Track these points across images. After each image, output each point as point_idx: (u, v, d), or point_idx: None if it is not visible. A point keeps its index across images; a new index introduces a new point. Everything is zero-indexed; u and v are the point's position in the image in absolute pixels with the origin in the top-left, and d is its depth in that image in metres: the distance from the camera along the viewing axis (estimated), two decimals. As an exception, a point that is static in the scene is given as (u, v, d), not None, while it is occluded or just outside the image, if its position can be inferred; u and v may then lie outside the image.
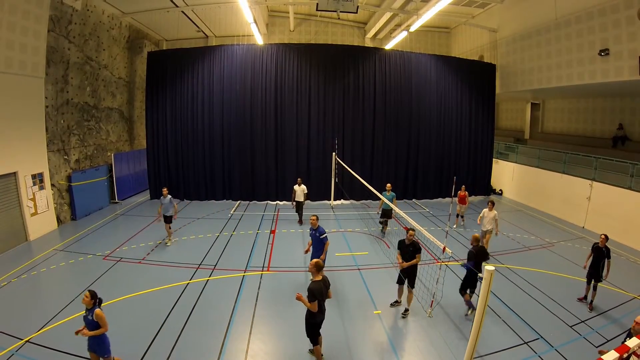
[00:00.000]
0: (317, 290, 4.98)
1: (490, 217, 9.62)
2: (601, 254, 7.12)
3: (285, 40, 21.34)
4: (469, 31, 20.49)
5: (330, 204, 15.40)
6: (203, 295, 7.52)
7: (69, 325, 6.30)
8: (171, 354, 5.64)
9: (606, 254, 7.10)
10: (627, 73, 10.96)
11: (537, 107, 20.11)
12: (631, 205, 11.23)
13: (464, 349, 4.90)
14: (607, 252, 7.11)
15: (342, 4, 11.39)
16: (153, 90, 15.14)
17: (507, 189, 17.93)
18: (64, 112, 12.06)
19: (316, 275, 5.15)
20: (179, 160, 15.34)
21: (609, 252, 7.11)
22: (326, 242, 7.40)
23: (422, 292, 7.70)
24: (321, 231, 7.45)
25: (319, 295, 4.98)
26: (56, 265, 8.82)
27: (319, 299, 5.00)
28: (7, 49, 9.17)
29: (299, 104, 15.36)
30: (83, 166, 13.18)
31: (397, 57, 16.04)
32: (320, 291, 5.02)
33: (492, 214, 9.59)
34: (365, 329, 6.55)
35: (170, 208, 10.01)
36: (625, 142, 14.65)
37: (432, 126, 16.51)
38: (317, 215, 7.73)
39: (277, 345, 6.06)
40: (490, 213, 9.63)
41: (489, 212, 9.65)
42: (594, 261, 7.21)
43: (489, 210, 9.69)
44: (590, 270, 7.27)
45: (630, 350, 3.27)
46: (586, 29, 12.21)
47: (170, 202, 9.99)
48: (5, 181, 9.65)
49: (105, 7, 13.93)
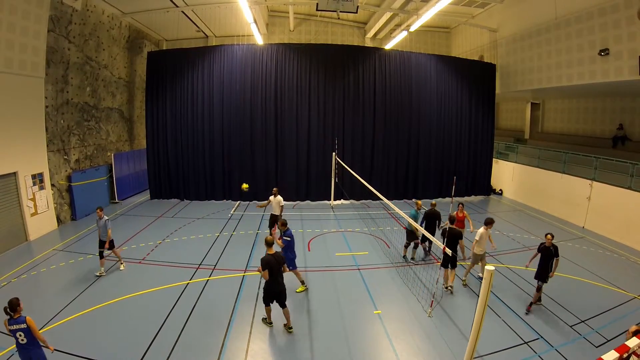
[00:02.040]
0: (266, 261, 5.97)
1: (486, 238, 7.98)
2: (549, 254, 6.99)
3: (285, 40, 21.34)
4: (469, 31, 20.49)
5: (330, 204, 15.40)
6: (203, 295, 7.52)
7: (69, 325, 6.31)
8: (171, 354, 5.64)
9: (554, 252, 6.97)
10: (627, 73, 10.96)
11: (537, 107, 20.12)
12: (631, 205, 11.22)
13: (464, 349, 4.90)
14: (555, 250, 6.98)
15: (342, 4, 11.39)
16: (153, 90, 15.14)
17: (507, 189, 17.93)
18: (64, 112, 12.06)
19: (269, 249, 6.16)
20: (179, 160, 15.34)
21: (557, 251, 6.99)
22: (287, 242, 7.52)
23: (422, 292, 7.70)
24: (287, 234, 7.62)
25: (267, 265, 5.95)
26: (56, 265, 8.83)
27: (270, 269, 5.96)
28: (7, 48, 9.18)
29: (299, 104, 15.36)
30: (83, 166, 13.18)
31: (397, 57, 16.04)
32: (269, 262, 5.97)
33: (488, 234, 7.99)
34: (365, 329, 6.55)
35: (104, 232, 8.23)
36: (625, 142, 14.65)
37: (432, 126, 16.51)
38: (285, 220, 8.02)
39: (277, 345, 6.06)
40: (486, 234, 7.92)
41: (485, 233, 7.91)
42: (543, 261, 7.04)
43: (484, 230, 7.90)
44: (539, 270, 7.09)
45: (630, 350, 3.27)
46: (586, 29, 12.21)
47: (104, 225, 8.21)
48: (5, 181, 9.66)
49: (105, 7, 13.92)
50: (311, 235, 11.43)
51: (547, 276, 7.06)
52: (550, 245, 7.02)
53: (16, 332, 4.42)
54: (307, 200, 15.84)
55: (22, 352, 4.51)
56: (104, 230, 8.19)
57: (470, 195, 17.41)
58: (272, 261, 6.03)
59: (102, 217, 8.19)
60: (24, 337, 4.44)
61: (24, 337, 4.44)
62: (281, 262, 6.23)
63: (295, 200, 15.71)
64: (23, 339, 4.45)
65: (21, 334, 4.43)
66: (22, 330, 4.42)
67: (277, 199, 10.37)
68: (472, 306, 6.65)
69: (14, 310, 4.44)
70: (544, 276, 7.07)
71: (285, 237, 7.57)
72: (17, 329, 4.41)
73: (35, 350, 4.54)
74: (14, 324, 4.42)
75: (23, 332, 4.43)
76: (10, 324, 4.42)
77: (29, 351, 4.50)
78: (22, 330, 4.42)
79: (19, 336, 4.44)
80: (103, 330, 6.21)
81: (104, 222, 8.19)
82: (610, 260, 10.12)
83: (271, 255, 6.07)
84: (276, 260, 6.09)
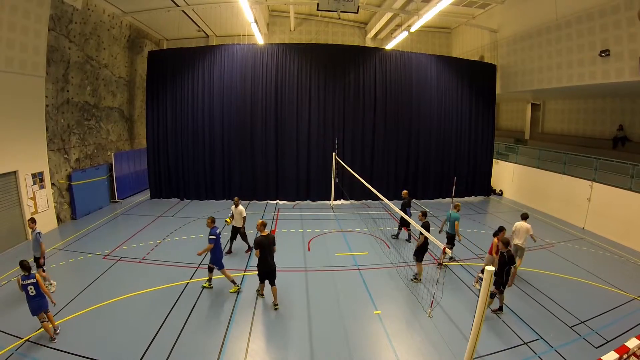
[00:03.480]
0: (259, 241, 6.70)
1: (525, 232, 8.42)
2: (504, 261, 6.58)
3: (286, 40, 21.34)
4: (469, 31, 20.49)
5: (330, 204, 15.40)
6: (203, 294, 7.52)
7: (69, 325, 6.31)
8: (171, 353, 5.64)
9: (508, 260, 6.56)
10: (628, 74, 10.96)
11: (538, 107, 20.11)
12: (631, 206, 11.22)
13: (464, 349, 4.90)
14: (510, 258, 6.59)
15: (343, 4, 11.37)
16: (153, 89, 15.14)
17: (507, 189, 17.93)
18: (64, 111, 12.06)
19: (263, 232, 6.84)
20: (179, 159, 15.34)
21: (512, 259, 6.61)
22: (209, 244, 7.34)
23: (422, 292, 7.70)
24: (212, 232, 7.40)
25: (258, 245, 6.66)
26: (56, 264, 8.83)
27: (261, 249, 6.64)
28: (7, 48, 9.17)
29: (299, 104, 15.36)
30: (83, 165, 13.18)
31: (397, 57, 16.04)
32: (261, 242, 6.68)
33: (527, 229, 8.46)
34: (365, 329, 6.55)
35: (37, 247, 7.26)
36: (625, 143, 14.65)
37: (432, 126, 16.51)
38: (212, 218, 7.62)
39: (277, 345, 6.06)
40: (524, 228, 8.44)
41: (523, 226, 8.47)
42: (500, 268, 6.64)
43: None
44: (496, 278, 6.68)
45: (630, 351, 3.27)
46: (587, 30, 12.21)
47: (36, 239, 7.23)
48: (5, 180, 9.66)
49: (105, 7, 13.92)
50: (311, 235, 11.43)
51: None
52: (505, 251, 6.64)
53: (27, 286, 5.65)
54: (307, 200, 15.84)
55: (32, 302, 5.70)
56: (36, 246, 7.27)
57: (471, 195, 17.40)
58: (264, 242, 6.73)
59: (34, 229, 7.28)
60: (34, 290, 5.67)
61: (34, 290, 5.67)
62: (272, 243, 6.91)
63: (296, 200, 15.72)
64: (33, 291, 5.66)
65: (31, 287, 5.65)
66: (32, 285, 5.65)
67: (238, 209, 9.40)
68: (472, 306, 6.66)
69: (28, 269, 5.74)
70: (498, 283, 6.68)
71: (210, 236, 7.36)
72: (29, 283, 5.65)
73: (42, 300, 5.77)
74: (26, 280, 5.67)
75: (33, 286, 5.66)
76: (23, 279, 5.67)
77: (38, 301, 5.72)
78: (32, 285, 5.65)
79: (30, 289, 5.65)
80: (103, 329, 6.22)
81: (35, 236, 7.26)
82: (610, 261, 10.12)
83: (264, 236, 6.78)
84: (268, 241, 6.78)
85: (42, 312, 5.81)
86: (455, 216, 8.95)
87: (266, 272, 6.93)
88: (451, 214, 9.06)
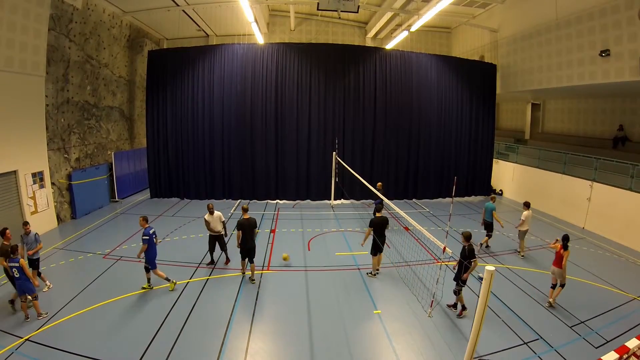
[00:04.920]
0: (240, 223, 7.75)
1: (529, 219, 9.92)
2: (464, 256, 6.61)
3: (286, 40, 21.33)
4: (469, 31, 20.47)
5: (330, 203, 15.40)
6: (203, 294, 7.53)
7: (69, 324, 6.31)
8: (171, 353, 5.64)
9: (468, 255, 6.55)
10: (628, 74, 10.95)
11: (538, 107, 20.10)
12: (631, 206, 11.22)
13: (464, 349, 4.90)
14: (471, 253, 6.57)
15: (343, 4, 11.34)
16: (153, 89, 15.13)
17: (507, 189, 17.93)
18: (64, 110, 12.05)
19: (245, 215, 7.94)
20: (179, 159, 15.33)
21: (472, 253, 6.57)
22: (142, 245, 7.25)
23: (422, 292, 7.70)
24: (145, 232, 7.35)
25: (240, 227, 7.71)
26: (56, 263, 8.83)
27: (243, 230, 7.70)
28: (7, 47, 9.17)
29: (299, 104, 15.36)
30: (83, 165, 13.18)
31: (397, 57, 16.03)
32: (242, 224, 7.72)
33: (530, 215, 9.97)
34: (365, 329, 6.56)
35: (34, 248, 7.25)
36: (625, 143, 14.64)
37: (432, 126, 16.50)
38: (144, 217, 7.68)
39: (277, 344, 6.07)
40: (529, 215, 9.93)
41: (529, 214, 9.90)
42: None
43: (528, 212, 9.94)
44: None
45: (630, 352, 3.27)
46: (587, 30, 12.20)
47: (34, 240, 7.30)
48: (5, 179, 9.66)
49: (105, 6, 13.91)
50: (311, 234, 11.44)
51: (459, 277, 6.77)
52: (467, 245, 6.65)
53: (12, 268, 6.14)
54: (307, 199, 15.84)
55: (17, 283, 6.21)
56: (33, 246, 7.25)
57: (471, 195, 17.40)
58: (245, 224, 7.76)
59: (29, 231, 7.26)
60: (17, 272, 6.14)
61: (17, 272, 6.14)
62: (253, 225, 7.92)
63: (296, 199, 15.72)
64: (17, 273, 6.14)
65: (15, 270, 6.13)
66: (16, 267, 6.13)
67: (216, 215, 8.63)
68: (472, 306, 6.66)
69: (14, 252, 6.20)
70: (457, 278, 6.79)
71: (143, 236, 7.27)
72: (13, 266, 6.14)
73: (25, 283, 6.19)
74: (12, 262, 6.16)
75: (17, 269, 6.14)
76: (10, 262, 6.17)
77: (22, 283, 6.18)
78: (16, 267, 6.13)
79: (14, 272, 6.14)
80: (102, 329, 6.22)
81: (32, 237, 7.28)
82: (610, 261, 10.13)
83: (245, 219, 7.83)
84: (249, 223, 7.82)
85: (26, 294, 6.22)
86: (491, 206, 10.08)
87: (247, 250, 7.90)
88: (487, 205, 10.22)
